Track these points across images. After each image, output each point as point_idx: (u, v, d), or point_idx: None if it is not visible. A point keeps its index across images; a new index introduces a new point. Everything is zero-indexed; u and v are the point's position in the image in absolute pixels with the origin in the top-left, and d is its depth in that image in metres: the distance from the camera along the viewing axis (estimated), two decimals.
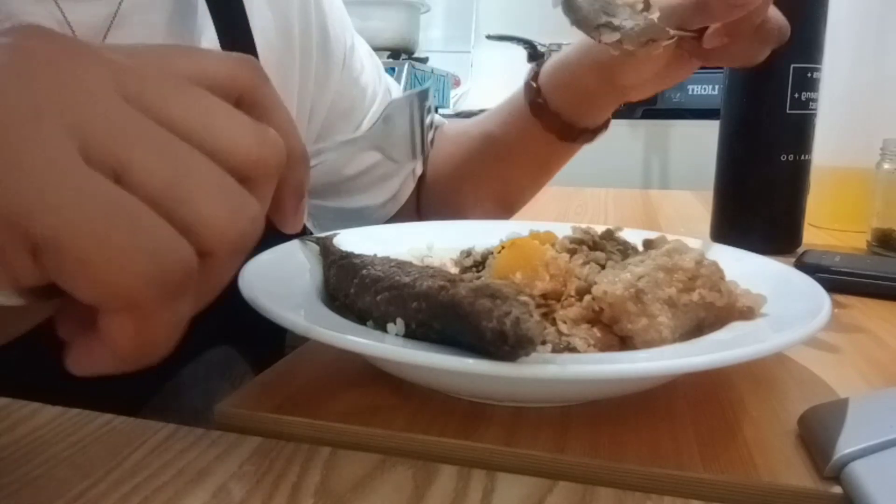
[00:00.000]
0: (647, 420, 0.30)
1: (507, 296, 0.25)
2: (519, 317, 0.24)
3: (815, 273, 0.41)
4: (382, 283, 0.31)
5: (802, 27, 0.59)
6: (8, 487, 0.24)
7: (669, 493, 0.25)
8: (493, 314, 0.24)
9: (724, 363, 0.26)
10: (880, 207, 0.63)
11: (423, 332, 0.28)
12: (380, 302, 0.30)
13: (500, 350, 0.24)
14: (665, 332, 0.30)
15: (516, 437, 0.28)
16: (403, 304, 0.29)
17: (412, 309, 0.28)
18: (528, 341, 0.24)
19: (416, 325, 0.28)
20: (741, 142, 0.62)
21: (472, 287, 0.26)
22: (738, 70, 0.61)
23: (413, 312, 0.28)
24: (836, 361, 0.37)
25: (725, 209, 0.65)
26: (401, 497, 0.24)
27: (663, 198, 1.03)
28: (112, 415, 0.30)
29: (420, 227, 0.49)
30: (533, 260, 0.34)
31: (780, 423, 0.30)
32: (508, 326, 0.24)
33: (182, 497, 0.24)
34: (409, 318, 0.29)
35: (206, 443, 0.28)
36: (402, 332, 0.29)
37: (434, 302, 0.27)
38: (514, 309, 0.24)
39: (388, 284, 0.30)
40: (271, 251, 0.40)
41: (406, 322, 0.29)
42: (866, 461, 0.24)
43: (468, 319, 0.25)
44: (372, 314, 0.31)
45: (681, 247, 0.34)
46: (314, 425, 0.30)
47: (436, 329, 0.28)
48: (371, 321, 0.31)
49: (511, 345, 0.24)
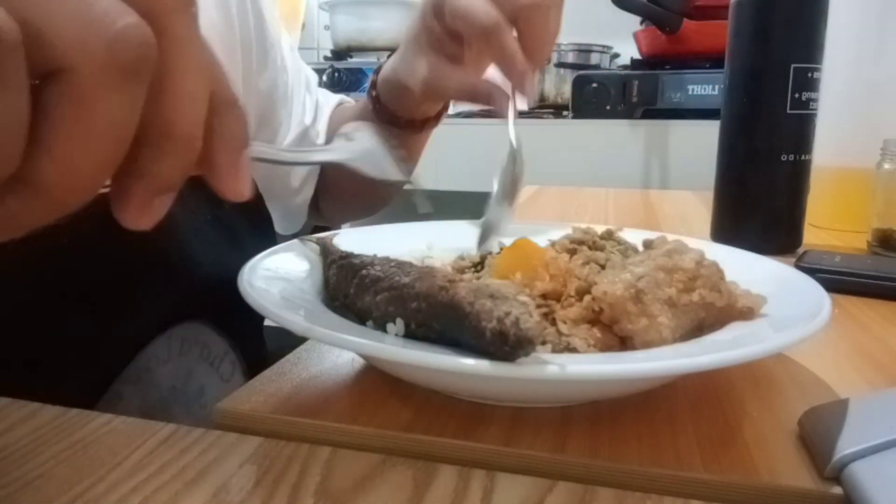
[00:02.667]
0: (647, 420, 0.30)
1: (506, 296, 0.25)
2: (519, 317, 0.24)
3: (815, 273, 0.41)
4: (382, 283, 0.31)
5: (802, 27, 0.59)
6: (8, 487, 0.24)
7: (669, 493, 0.25)
8: (493, 314, 0.24)
9: (725, 363, 0.26)
10: (880, 207, 0.63)
11: (422, 333, 0.28)
12: (379, 302, 0.30)
13: (500, 350, 0.24)
14: (665, 332, 0.30)
15: (516, 438, 0.28)
16: (403, 304, 0.29)
17: (412, 309, 0.28)
18: (527, 341, 0.24)
19: (416, 325, 0.29)
20: (741, 142, 0.62)
21: (472, 287, 0.26)
22: (738, 70, 0.61)
23: (413, 312, 0.28)
24: (836, 361, 0.37)
25: (725, 209, 0.64)
26: (401, 497, 0.24)
27: (663, 198, 1.03)
28: (112, 415, 0.30)
29: (420, 228, 0.49)
30: (533, 260, 0.34)
31: (780, 423, 0.30)
32: (508, 326, 0.24)
33: (182, 497, 0.24)
34: (408, 319, 0.29)
35: (206, 443, 0.28)
36: (402, 332, 0.29)
37: (434, 302, 0.27)
38: (513, 309, 0.24)
39: (388, 285, 0.30)
40: (270, 251, 0.40)
41: (406, 322, 0.29)
42: (866, 462, 0.24)
43: (468, 319, 0.25)
44: (371, 314, 0.31)
45: (681, 247, 0.34)
46: (314, 425, 0.30)
47: (436, 329, 0.28)
48: (371, 321, 0.31)
49: (511, 345, 0.24)
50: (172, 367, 0.48)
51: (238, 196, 0.24)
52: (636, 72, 1.49)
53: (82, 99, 0.18)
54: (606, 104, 1.44)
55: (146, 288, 0.46)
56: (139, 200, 0.21)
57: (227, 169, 0.23)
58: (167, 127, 0.20)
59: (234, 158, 0.24)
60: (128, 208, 0.21)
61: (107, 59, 0.18)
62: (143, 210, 0.21)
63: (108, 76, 0.18)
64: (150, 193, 0.21)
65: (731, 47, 0.62)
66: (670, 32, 1.42)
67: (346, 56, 1.87)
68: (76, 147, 0.18)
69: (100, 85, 0.18)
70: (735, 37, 0.61)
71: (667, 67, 1.45)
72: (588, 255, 0.36)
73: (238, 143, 0.24)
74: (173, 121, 0.20)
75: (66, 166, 0.18)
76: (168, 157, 0.21)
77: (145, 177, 0.21)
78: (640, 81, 1.42)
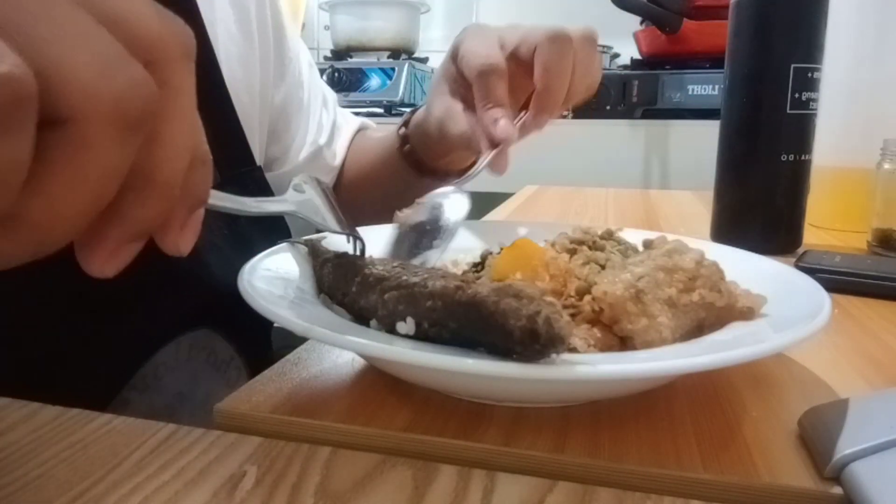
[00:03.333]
0: (647, 420, 0.30)
1: (532, 296, 0.25)
2: (550, 316, 0.24)
3: (815, 273, 0.41)
4: (388, 281, 0.30)
5: (802, 27, 0.59)
6: (8, 487, 0.24)
7: (669, 493, 0.25)
8: (522, 313, 0.24)
9: (725, 363, 0.26)
10: (880, 207, 0.63)
11: (435, 332, 0.28)
12: (387, 300, 0.30)
13: (530, 349, 0.24)
14: (665, 332, 0.30)
15: (516, 438, 0.28)
16: (415, 303, 0.29)
17: (426, 308, 0.28)
18: (560, 340, 0.24)
19: (429, 324, 0.28)
20: (741, 142, 0.62)
21: (493, 287, 0.26)
22: (738, 70, 0.61)
23: (426, 311, 0.28)
24: (836, 361, 0.37)
25: (725, 209, 0.64)
26: (401, 497, 0.24)
27: (663, 198, 1.03)
28: (112, 415, 0.30)
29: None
30: (533, 260, 0.34)
31: (780, 423, 0.30)
32: (540, 325, 0.24)
33: (182, 497, 0.24)
34: (420, 318, 0.28)
35: (206, 443, 0.28)
36: (413, 331, 0.29)
37: (450, 301, 0.27)
38: (543, 308, 0.24)
39: (396, 283, 0.30)
40: (270, 251, 0.40)
41: (417, 321, 0.29)
42: (867, 462, 0.24)
43: (493, 318, 0.25)
44: (377, 312, 0.31)
45: (681, 247, 0.34)
46: (314, 425, 0.30)
47: (450, 328, 0.27)
48: (375, 320, 0.31)
49: (542, 343, 0.24)
50: (179, 373, 0.48)
51: (174, 252, 0.23)
52: (636, 72, 1.49)
53: (83, 147, 0.18)
54: (606, 104, 1.44)
55: (159, 299, 0.46)
56: (112, 245, 0.21)
57: (178, 224, 0.23)
58: (153, 174, 0.20)
59: (189, 215, 0.23)
60: (98, 253, 0.21)
61: (113, 112, 0.18)
62: (112, 255, 0.21)
63: (112, 128, 0.18)
64: (125, 239, 0.21)
65: (731, 47, 0.62)
66: (670, 32, 1.42)
67: (346, 56, 1.88)
68: (70, 190, 0.18)
69: (102, 135, 0.18)
70: (735, 37, 0.61)
71: (667, 67, 1.45)
72: (588, 255, 0.36)
73: (198, 202, 0.24)
74: (160, 168, 0.20)
75: (57, 207, 0.18)
76: (149, 202, 0.21)
77: (123, 221, 0.21)
78: (640, 81, 1.43)
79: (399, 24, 1.87)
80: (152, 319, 0.46)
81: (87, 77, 0.18)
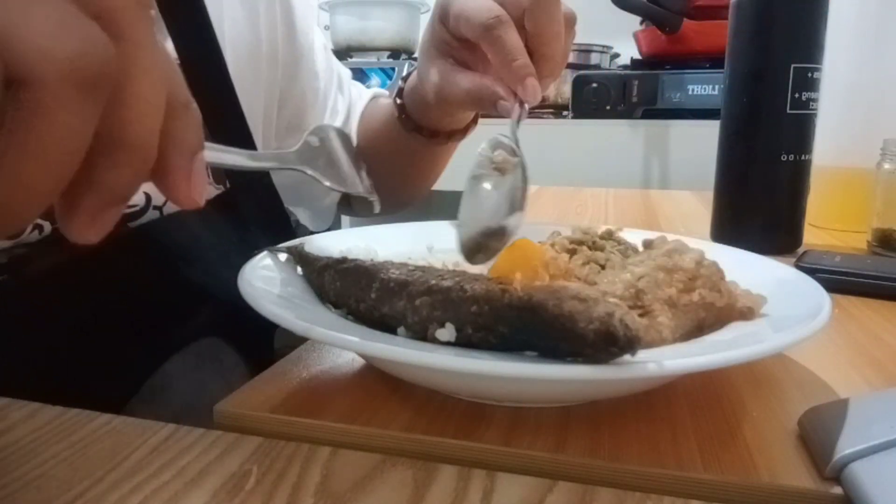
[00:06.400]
0: (647, 420, 0.30)
1: (596, 297, 0.24)
2: (623, 317, 0.23)
3: (815, 273, 0.41)
4: (415, 286, 0.29)
5: (802, 27, 0.59)
6: (8, 487, 0.24)
7: (669, 493, 0.25)
8: (593, 315, 0.23)
9: (725, 364, 0.26)
10: (880, 207, 0.63)
11: (480, 337, 0.27)
12: (420, 307, 0.29)
13: (604, 351, 0.23)
14: (665, 332, 0.30)
15: (516, 437, 0.28)
16: (455, 309, 0.27)
17: (470, 313, 0.27)
18: (637, 341, 0.23)
19: (473, 329, 0.27)
20: (741, 142, 0.62)
21: (548, 290, 0.25)
22: (738, 70, 0.61)
23: (471, 316, 0.27)
24: (836, 361, 0.37)
25: (725, 209, 0.64)
26: (401, 497, 0.24)
27: (663, 198, 1.03)
28: (112, 415, 0.30)
29: (419, 228, 0.49)
30: (533, 260, 0.34)
31: (780, 423, 0.30)
32: (617, 327, 0.23)
33: (182, 497, 0.24)
34: (462, 323, 0.27)
35: (206, 443, 0.28)
36: (454, 337, 0.28)
37: (499, 305, 0.26)
38: (616, 309, 0.23)
39: (426, 288, 0.29)
40: (270, 251, 0.40)
41: (458, 327, 0.28)
42: (867, 462, 0.24)
43: (558, 321, 0.24)
44: (405, 320, 0.30)
45: (681, 247, 0.34)
46: (314, 425, 0.30)
47: (499, 333, 0.26)
48: (403, 327, 0.30)
49: (620, 346, 0.23)
50: (186, 382, 0.48)
51: (191, 204, 0.23)
52: (636, 72, 1.49)
53: (40, 111, 0.17)
54: (606, 104, 1.44)
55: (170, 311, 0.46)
56: (89, 212, 0.20)
57: (179, 175, 0.22)
58: (122, 135, 0.20)
59: (187, 164, 0.22)
60: (76, 221, 0.20)
61: (69, 73, 0.17)
62: (91, 223, 0.20)
63: (68, 89, 0.18)
64: (102, 205, 0.20)
65: (731, 47, 0.62)
66: (670, 32, 1.42)
67: (346, 56, 1.87)
68: (30, 159, 0.18)
69: (60, 98, 0.18)
70: (735, 37, 0.61)
71: (667, 67, 1.45)
72: (588, 255, 0.37)
73: (191, 148, 0.22)
74: (128, 129, 0.20)
75: (19, 179, 0.18)
76: (122, 166, 0.20)
77: (97, 188, 0.20)
78: (640, 81, 1.42)
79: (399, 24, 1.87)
80: (164, 331, 0.46)
81: (40, 39, 0.17)
